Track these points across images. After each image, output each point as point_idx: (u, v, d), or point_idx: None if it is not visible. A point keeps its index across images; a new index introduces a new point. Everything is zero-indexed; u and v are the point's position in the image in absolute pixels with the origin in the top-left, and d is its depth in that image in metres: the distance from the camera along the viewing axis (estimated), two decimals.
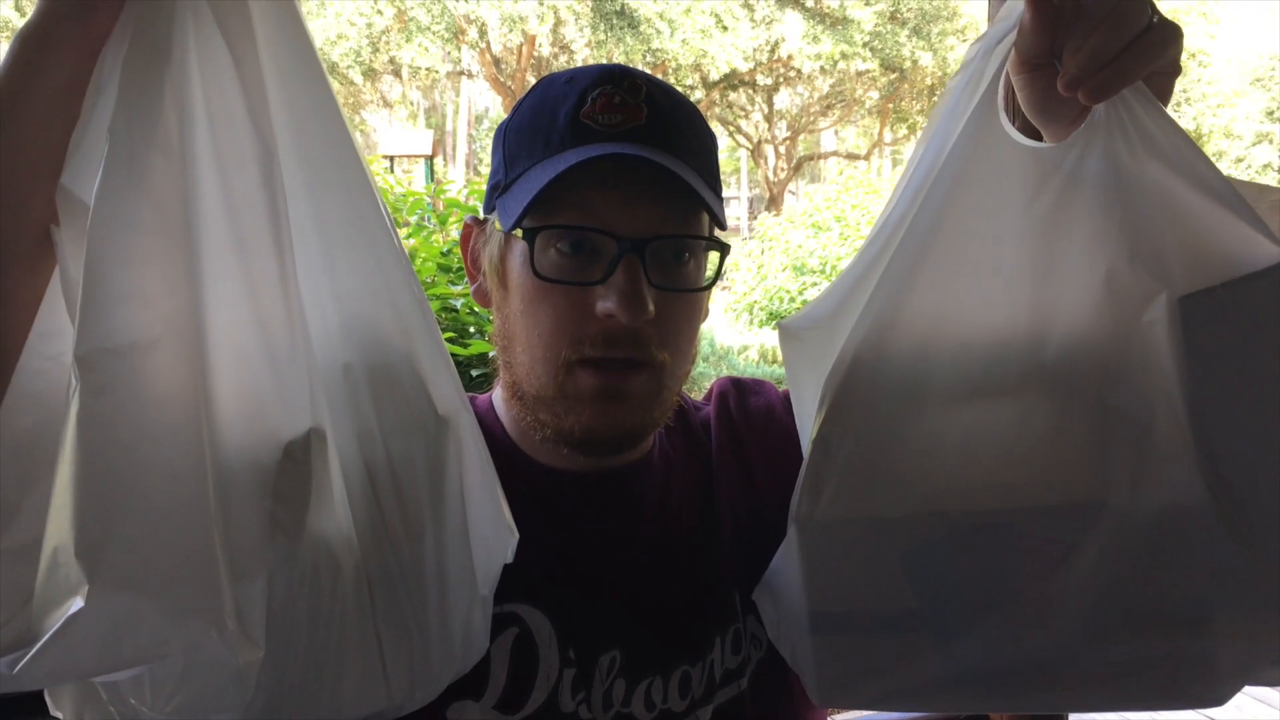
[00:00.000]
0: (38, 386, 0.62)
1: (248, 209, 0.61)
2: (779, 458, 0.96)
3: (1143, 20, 0.68)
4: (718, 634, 0.91)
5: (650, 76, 0.88)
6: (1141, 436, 0.69)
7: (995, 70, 0.73)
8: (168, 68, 0.58)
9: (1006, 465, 0.71)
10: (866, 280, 0.75)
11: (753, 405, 1.03)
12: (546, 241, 0.82)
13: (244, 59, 0.61)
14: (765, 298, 11.35)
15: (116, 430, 0.55)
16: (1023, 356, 0.71)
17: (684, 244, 0.85)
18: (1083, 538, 0.69)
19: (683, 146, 0.85)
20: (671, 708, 0.88)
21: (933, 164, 0.74)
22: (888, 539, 0.72)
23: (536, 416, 0.87)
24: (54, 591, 0.53)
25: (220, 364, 0.59)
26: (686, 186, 0.80)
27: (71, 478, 0.53)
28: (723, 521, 0.95)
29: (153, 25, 0.59)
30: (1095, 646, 0.71)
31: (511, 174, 0.87)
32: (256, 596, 0.58)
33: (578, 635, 0.87)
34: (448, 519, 0.71)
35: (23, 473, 0.60)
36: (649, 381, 0.85)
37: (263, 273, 0.61)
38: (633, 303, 0.80)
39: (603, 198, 0.81)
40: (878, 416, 0.72)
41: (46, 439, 0.58)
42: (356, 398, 0.68)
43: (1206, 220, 0.68)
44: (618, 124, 0.83)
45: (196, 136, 0.59)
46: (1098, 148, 0.71)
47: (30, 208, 0.61)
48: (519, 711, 0.85)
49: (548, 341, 0.83)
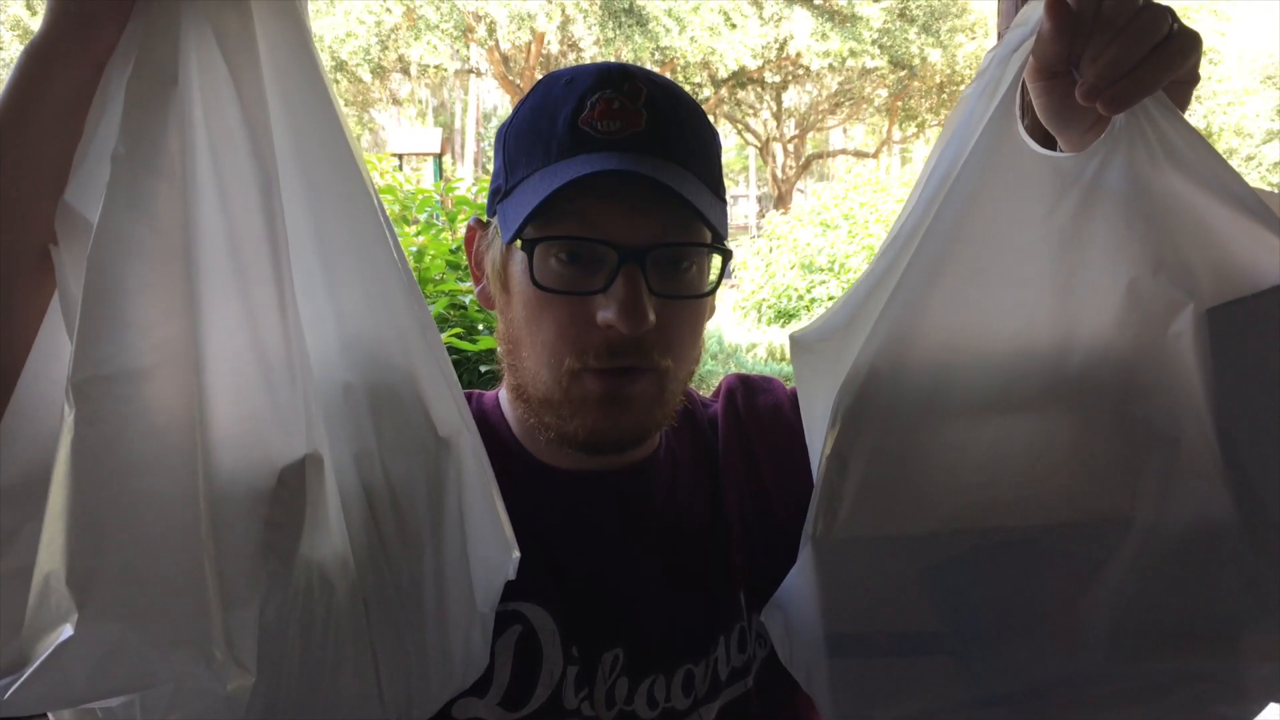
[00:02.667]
0: (41, 410, 0.61)
1: (247, 236, 0.61)
2: (786, 456, 0.95)
3: (1163, 29, 0.67)
4: (722, 633, 0.91)
5: (650, 75, 0.87)
6: (1168, 451, 0.67)
7: (1012, 78, 0.71)
8: (172, 93, 0.58)
9: (1030, 481, 0.69)
10: (880, 291, 0.73)
11: (760, 403, 1.03)
12: (547, 251, 0.82)
13: (246, 81, 0.61)
14: (773, 296, 11.33)
15: (109, 459, 0.55)
16: (1045, 369, 0.70)
17: (685, 251, 0.84)
18: (1109, 555, 0.68)
19: (683, 151, 0.84)
20: (675, 706, 0.88)
21: (948, 173, 0.72)
22: (908, 558, 0.71)
23: (541, 419, 0.87)
24: (45, 618, 0.54)
25: (216, 391, 0.59)
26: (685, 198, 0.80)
27: (64, 505, 0.54)
28: (729, 520, 0.95)
29: (158, 48, 0.58)
30: (1122, 665, 0.70)
31: (511, 180, 0.86)
32: (248, 623, 0.58)
33: (581, 633, 0.87)
34: (446, 539, 0.71)
35: (23, 497, 0.60)
36: (651, 385, 0.84)
37: (261, 300, 0.61)
38: (633, 313, 0.79)
39: (602, 207, 0.81)
40: (895, 431, 0.71)
41: (48, 464, 0.58)
42: (356, 418, 0.68)
43: (1232, 230, 0.67)
44: (616, 131, 0.82)
45: (198, 162, 0.59)
46: (1118, 158, 0.69)
47: (33, 224, 0.61)
48: (522, 709, 0.85)
49: (552, 349, 0.83)
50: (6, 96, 0.60)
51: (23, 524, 0.59)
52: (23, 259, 0.61)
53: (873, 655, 0.72)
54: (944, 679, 0.72)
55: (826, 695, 0.75)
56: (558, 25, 16.61)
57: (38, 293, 0.62)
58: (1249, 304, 0.66)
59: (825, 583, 0.72)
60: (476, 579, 0.74)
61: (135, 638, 0.54)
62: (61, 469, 0.54)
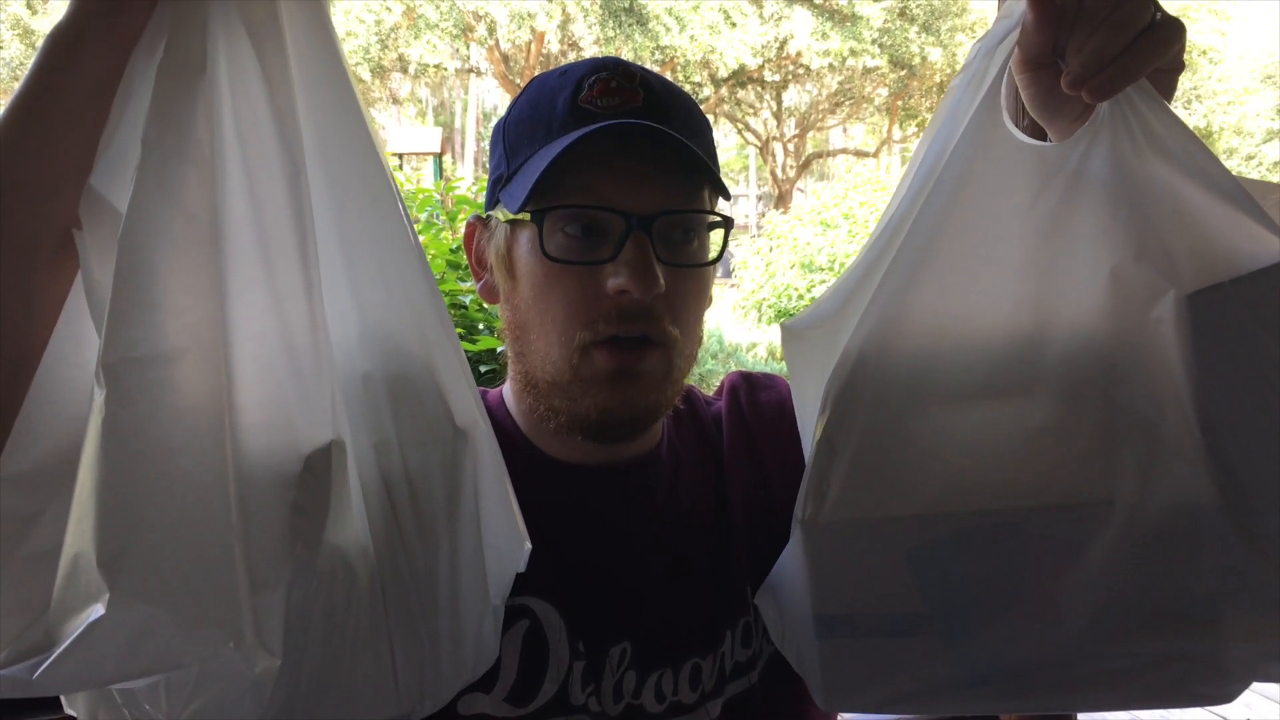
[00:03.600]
0: (64, 394, 0.62)
1: (275, 222, 0.61)
2: (790, 452, 0.95)
3: (1145, 18, 0.68)
4: (728, 627, 0.91)
5: (643, 67, 0.89)
6: (1149, 435, 0.68)
7: (998, 70, 0.72)
8: (201, 80, 0.58)
9: (1014, 464, 0.70)
10: (869, 280, 0.74)
11: (764, 400, 1.04)
12: (554, 225, 0.83)
13: (273, 70, 0.61)
14: (773, 295, 11.31)
15: (141, 440, 0.55)
16: (1028, 355, 0.71)
17: (689, 220, 0.86)
18: (1091, 537, 0.69)
19: (681, 127, 0.85)
20: (682, 700, 0.88)
21: (935, 163, 0.73)
22: (894, 540, 0.72)
23: (550, 404, 0.87)
24: (73, 598, 0.54)
25: (245, 375, 0.59)
26: (688, 159, 0.82)
27: (94, 486, 0.54)
28: (734, 515, 0.95)
29: (187, 35, 0.59)
30: (1104, 646, 0.71)
31: (513, 164, 0.88)
32: (275, 607, 0.58)
33: (588, 628, 0.88)
34: (462, 530, 0.71)
35: (47, 480, 0.60)
36: (660, 360, 0.85)
37: (288, 285, 0.61)
38: (645, 276, 0.80)
39: (607, 176, 0.82)
40: (882, 416, 0.72)
41: (72, 447, 0.58)
42: (375, 408, 0.68)
43: (1213, 217, 0.68)
44: (616, 105, 0.84)
45: (226, 149, 0.59)
46: (1102, 146, 0.70)
47: (56, 209, 0.61)
48: (530, 704, 0.85)
49: (562, 325, 0.84)
50: (31, 81, 0.60)
51: (45, 507, 0.60)
52: (45, 243, 0.61)
53: (860, 636, 0.73)
54: (930, 659, 0.73)
55: (816, 676, 0.76)
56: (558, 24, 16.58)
57: (59, 277, 0.63)
58: (1228, 289, 0.67)
59: (814, 565, 0.73)
60: (490, 570, 0.74)
61: (165, 618, 0.54)
62: (91, 450, 0.54)
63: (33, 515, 0.60)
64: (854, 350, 0.73)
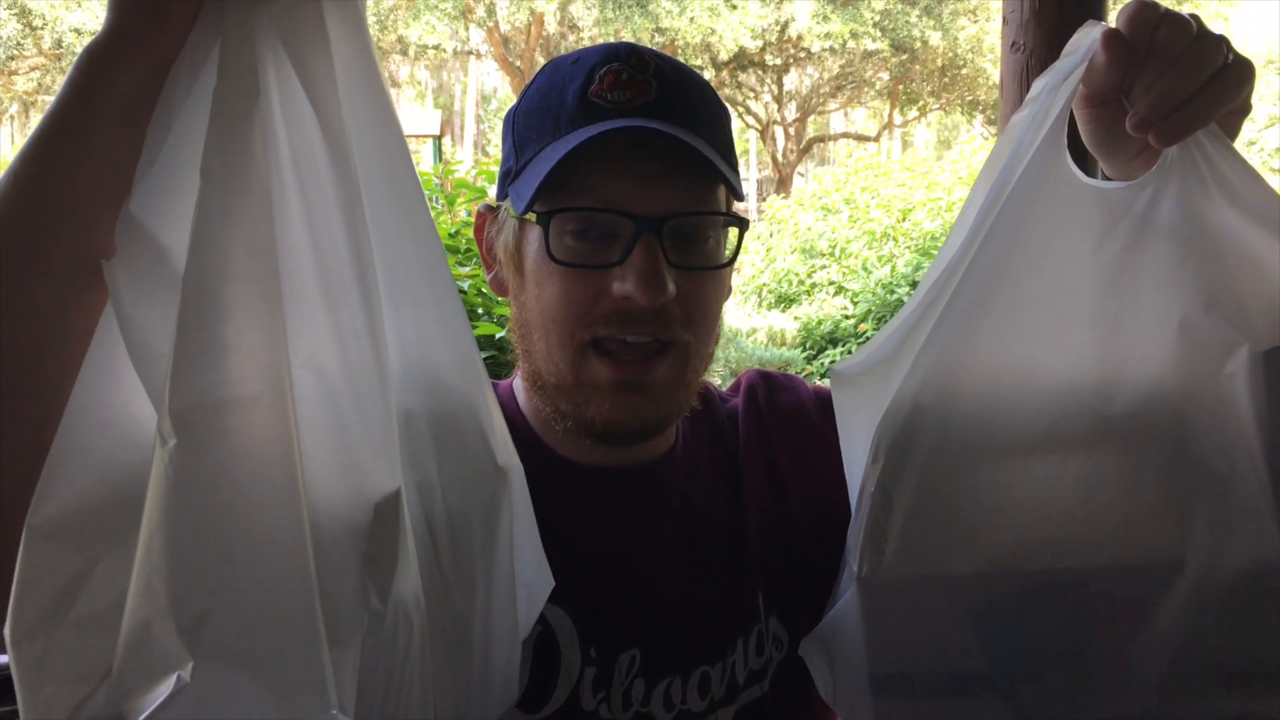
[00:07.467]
0: (101, 441, 0.56)
1: (334, 254, 0.57)
2: (808, 455, 0.95)
3: (1218, 59, 0.66)
4: (740, 634, 0.90)
5: (657, 52, 0.86)
6: (1221, 492, 0.67)
7: (1061, 107, 0.70)
8: (255, 104, 0.54)
9: (1080, 521, 0.68)
10: (924, 324, 0.72)
11: (783, 400, 1.01)
12: (561, 227, 0.80)
13: (318, 89, 0.57)
14: (774, 280, 11.28)
15: (217, 493, 0.51)
16: (1094, 407, 0.69)
17: (703, 221, 0.83)
18: (1161, 596, 0.68)
19: (694, 120, 0.82)
20: (691, 708, 0.87)
21: (994, 203, 0.71)
22: (955, 598, 0.70)
23: (557, 407, 0.86)
24: (144, 666, 0.50)
25: (311, 419, 0.55)
26: (701, 160, 0.79)
27: (166, 544, 0.50)
28: (749, 519, 0.93)
29: (236, 55, 0.55)
30: (1173, 707, 0.69)
31: (522, 159, 0.85)
32: (349, 665, 0.55)
33: (598, 633, 0.86)
34: (497, 571, 0.69)
35: (84, 531, 0.55)
36: (672, 367, 0.83)
37: (350, 322, 0.58)
38: (652, 283, 0.78)
39: (616, 178, 0.79)
40: (940, 467, 0.70)
41: (116, 498, 0.54)
42: (418, 447, 0.65)
43: None
44: (627, 100, 0.81)
45: (284, 176, 0.56)
46: (1170, 191, 0.68)
47: (91, 232, 0.57)
48: (540, 710, 0.84)
49: (560, 324, 0.82)
50: (65, 96, 0.57)
51: (92, 566, 0.55)
52: (78, 267, 0.57)
53: (919, 696, 0.72)
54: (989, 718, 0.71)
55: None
56: (557, 6, 16.52)
57: (93, 304, 0.58)
58: None
59: (871, 622, 0.71)
60: (520, 609, 0.72)
61: (254, 686, 0.51)
62: (159, 504, 0.50)
63: (78, 575, 0.55)
64: (908, 397, 0.71)
